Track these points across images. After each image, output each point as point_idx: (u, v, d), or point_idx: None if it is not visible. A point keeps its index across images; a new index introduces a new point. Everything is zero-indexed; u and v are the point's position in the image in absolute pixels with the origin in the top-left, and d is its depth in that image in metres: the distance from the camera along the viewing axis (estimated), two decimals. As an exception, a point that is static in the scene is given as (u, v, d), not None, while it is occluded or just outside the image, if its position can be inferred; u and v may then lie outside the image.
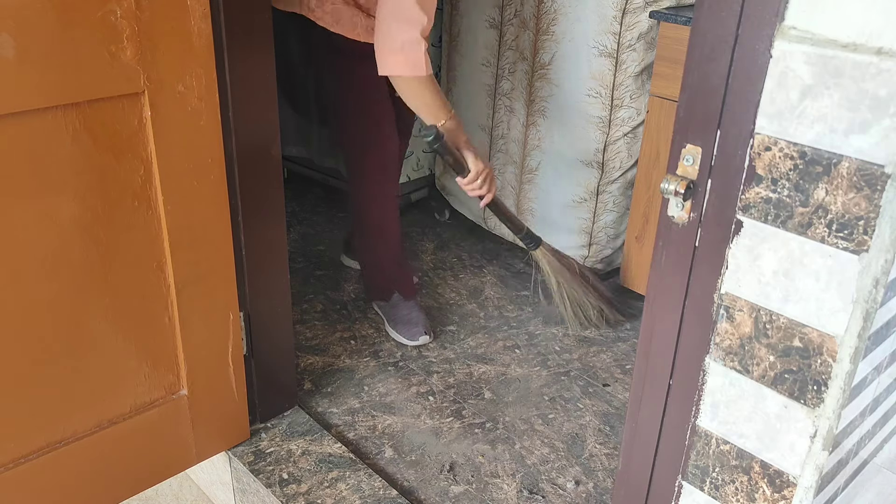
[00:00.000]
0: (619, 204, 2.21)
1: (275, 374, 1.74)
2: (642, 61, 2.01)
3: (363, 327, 2.20)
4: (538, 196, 2.33)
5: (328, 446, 1.71)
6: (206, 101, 1.35)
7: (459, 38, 2.47)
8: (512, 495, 1.64)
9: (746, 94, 0.84)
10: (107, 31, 1.18)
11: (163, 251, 1.39)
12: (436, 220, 2.85)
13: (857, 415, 1.02)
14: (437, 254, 2.63)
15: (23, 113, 1.15)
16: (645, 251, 2.13)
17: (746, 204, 0.87)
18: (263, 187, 1.54)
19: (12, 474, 1.32)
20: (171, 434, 1.54)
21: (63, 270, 1.28)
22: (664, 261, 0.98)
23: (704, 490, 1.04)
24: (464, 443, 1.78)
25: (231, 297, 1.53)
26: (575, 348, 2.15)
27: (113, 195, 1.29)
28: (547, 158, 2.27)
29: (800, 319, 0.87)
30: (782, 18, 0.79)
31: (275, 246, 1.61)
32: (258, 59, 1.44)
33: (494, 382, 1.99)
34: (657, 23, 1.95)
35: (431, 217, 2.86)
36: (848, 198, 0.79)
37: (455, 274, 2.50)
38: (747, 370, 0.94)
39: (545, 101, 2.20)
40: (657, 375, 1.05)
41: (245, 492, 1.69)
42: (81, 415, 1.39)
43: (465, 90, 2.51)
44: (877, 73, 0.73)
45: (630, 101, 2.06)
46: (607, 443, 1.79)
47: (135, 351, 1.42)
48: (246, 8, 1.38)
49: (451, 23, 2.50)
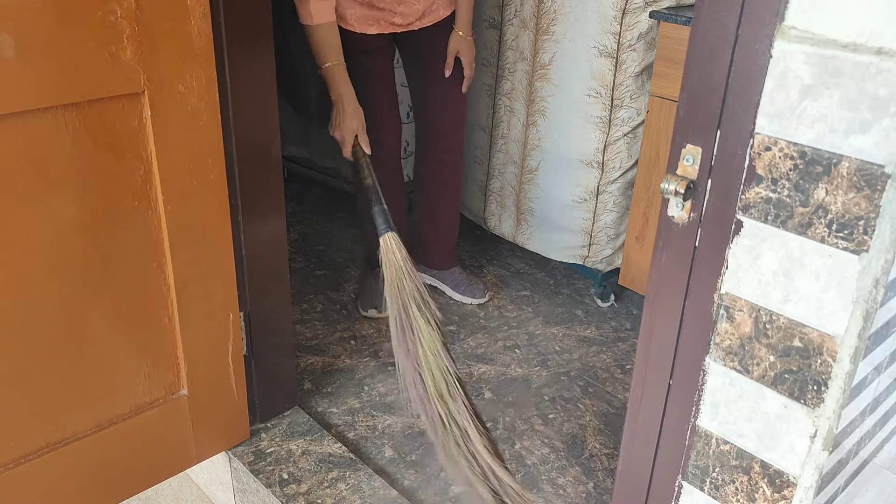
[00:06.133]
0: (619, 204, 2.21)
1: (275, 374, 1.74)
2: (642, 61, 2.01)
3: (363, 327, 2.20)
4: (538, 196, 2.33)
5: (328, 446, 1.71)
6: (206, 101, 1.35)
7: (459, 38, 2.47)
8: (512, 495, 1.64)
9: (746, 94, 0.84)
10: (107, 31, 1.18)
11: (163, 251, 1.39)
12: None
13: (857, 415, 1.02)
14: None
15: (23, 113, 1.15)
16: (645, 251, 2.13)
17: (746, 204, 0.87)
18: (263, 187, 1.54)
19: (12, 474, 1.32)
20: (171, 434, 1.53)
21: (63, 270, 1.28)
22: (664, 261, 0.98)
23: (704, 490, 1.04)
24: (464, 443, 1.78)
25: (231, 297, 1.53)
26: (575, 348, 2.15)
27: (113, 195, 1.29)
28: (547, 158, 2.27)
29: (800, 319, 0.87)
30: (782, 18, 0.79)
31: (275, 246, 1.61)
32: (258, 59, 1.44)
33: (494, 382, 1.99)
34: (657, 23, 1.95)
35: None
36: (848, 198, 0.79)
37: (455, 274, 2.50)
38: (747, 370, 0.94)
39: (545, 101, 2.20)
40: (657, 375, 1.05)
41: (245, 492, 1.69)
42: (81, 415, 1.39)
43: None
44: (877, 73, 0.73)
45: (630, 101, 2.06)
46: (607, 443, 1.79)
47: (135, 351, 1.42)
48: (246, 8, 1.39)
49: (451, 23, 2.50)
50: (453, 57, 2.02)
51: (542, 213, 2.35)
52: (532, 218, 2.38)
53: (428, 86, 2.07)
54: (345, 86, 1.84)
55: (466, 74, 2.06)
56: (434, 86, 2.06)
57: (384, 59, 2.01)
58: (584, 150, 2.17)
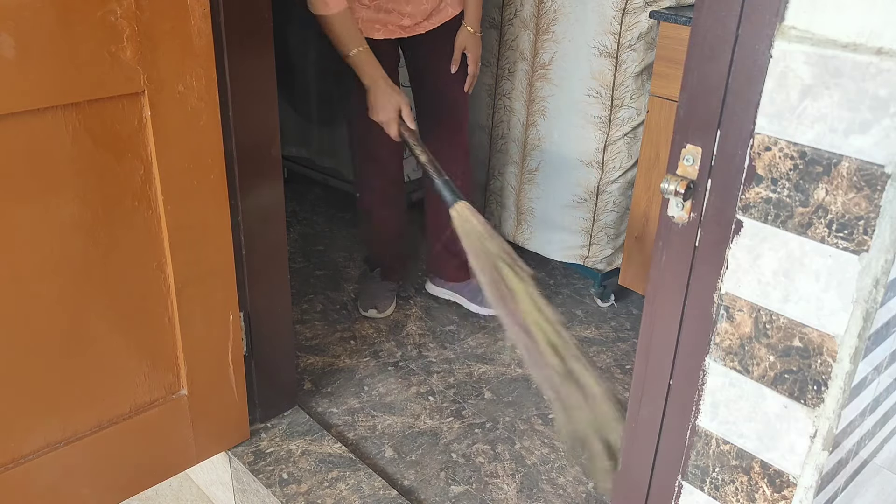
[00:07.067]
0: (619, 204, 2.21)
1: (275, 374, 1.74)
2: (642, 61, 2.01)
3: (363, 327, 2.20)
4: (538, 196, 2.33)
5: (328, 446, 1.71)
6: (206, 101, 1.35)
7: (459, 38, 2.47)
8: (512, 495, 1.64)
9: (746, 94, 0.84)
10: (107, 31, 1.18)
11: (163, 251, 1.39)
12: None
13: (857, 415, 1.02)
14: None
15: (23, 113, 1.15)
16: (645, 251, 2.13)
17: (746, 204, 0.87)
18: (263, 187, 1.54)
19: (12, 474, 1.32)
20: (170, 434, 1.53)
21: (63, 270, 1.28)
22: (664, 261, 0.98)
23: (704, 490, 1.04)
24: (464, 443, 1.78)
25: (231, 297, 1.53)
26: (575, 348, 2.15)
27: (113, 195, 1.29)
28: (547, 158, 2.27)
29: (800, 319, 0.87)
30: (782, 18, 0.79)
31: (275, 246, 1.61)
32: (258, 59, 1.44)
33: (494, 382, 1.99)
34: (657, 23, 1.95)
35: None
36: (848, 198, 0.79)
37: (455, 274, 2.50)
38: (747, 370, 0.94)
39: (545, 101, 2.20)
40: (657, 375, 1.05)
41: (245, 492, 1.69)
42: (81, 415, 1.39)
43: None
44: (877, 73, 0.73)
45: (630, 101, 2.06)
46: (607, 443, 1.79)
47: (135, 351, 1.42)
48: (246, 8, 1.38)
49: (451, 23, 2.50)
50: (460, 52, 2.01)
51: (542, 213, 2.35)
52: (532, 218, 2.38)
53: (431, 86, 2.07)
54: (376, 68, 1.83)
55: (471, 71, 2.05)
56: (437, 86, 2.05)
57: (389, 63, 2.00)
58: (584, 150, 2.17)
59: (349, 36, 1.81)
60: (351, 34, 1.81)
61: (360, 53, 1.82)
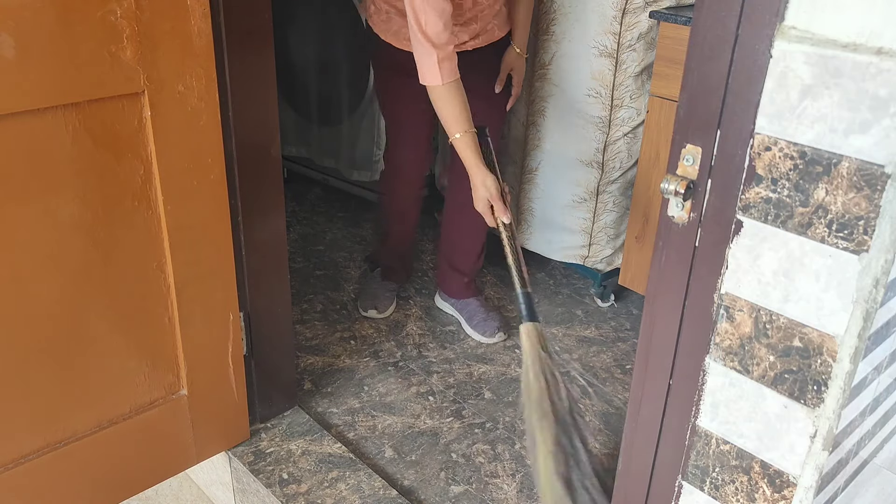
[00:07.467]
0: (619, 204, 2.21)
1: (275, 374, 1.74)
2: (642, 61, 2.01)
3: (363, 327, 2.20)
4: (538, 196, 2.33)
5: (328, 446, 1.71)
6: (206, 101, 1.35)
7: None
8: (512, 495, 1.64)
9: (746, 94, 0.84)
10: (107, 31, 1.18)
11: (163, 251, 1.39)
12: (436, 220, 2.85)
13: (857, 415, 1.02)
14: (437, 254, 2.63)
15: (23, 113, 1.15)
16: (645, 251, 2.13)
17: (746, 204, 0.87)
18: (263, 187, 1.54)
19: (12, 474, 1.32)
20: (170, 434, 1.53)
21: (63, 270, 1.28)
22: (664, 261, 0.98)
23: (704, 490, 1.04)
24: (464, 443, 1.78)
25: (231, 297, 1.53)
26: (575, 348, 2.15)
27: (113, 195, 1.29)
28: (547, 158, 2.27)
29: (800, 319, 0.87)
30: (782, 18, 0.79)
31: (275, 246, 1.61)
32: (258, 59, 1.44)
33: (494, 382, 1.99)
34: (657, 23, 1.95)
35: (431, 217, 2.86)
36: (848, 198, 0.79)
37: (455, 274, 2.50)
38: (747, 370, 0.94)
39: (545, 101, 2.20)
40: (657, 375, 1.05)
41: (245, 492, 1.69)
42: (81, 415, 1.39)
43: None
44: (877, 73, 0.73)
45: (630, 101, 2.06)
46: (607, 443, 1.79)
47: (135, 351, 1.42)
48: (246, 8, 1.39)
49: (451, 23, 2.50)
50: (506, 73, 1.99)
51: (542, 213, 2.35)
52: (532, 218, 2.38)
53: (471, 105, 1.92)
54: (472, 157, 1.71)
55: (515, 92, 2.03)
56: (477, 105, 1.90)
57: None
58: (584, 150, 2.16)
59: (456, 115, 1.70)
60: (457, 111, 1.71)
61: (462, 137, 1.71)
